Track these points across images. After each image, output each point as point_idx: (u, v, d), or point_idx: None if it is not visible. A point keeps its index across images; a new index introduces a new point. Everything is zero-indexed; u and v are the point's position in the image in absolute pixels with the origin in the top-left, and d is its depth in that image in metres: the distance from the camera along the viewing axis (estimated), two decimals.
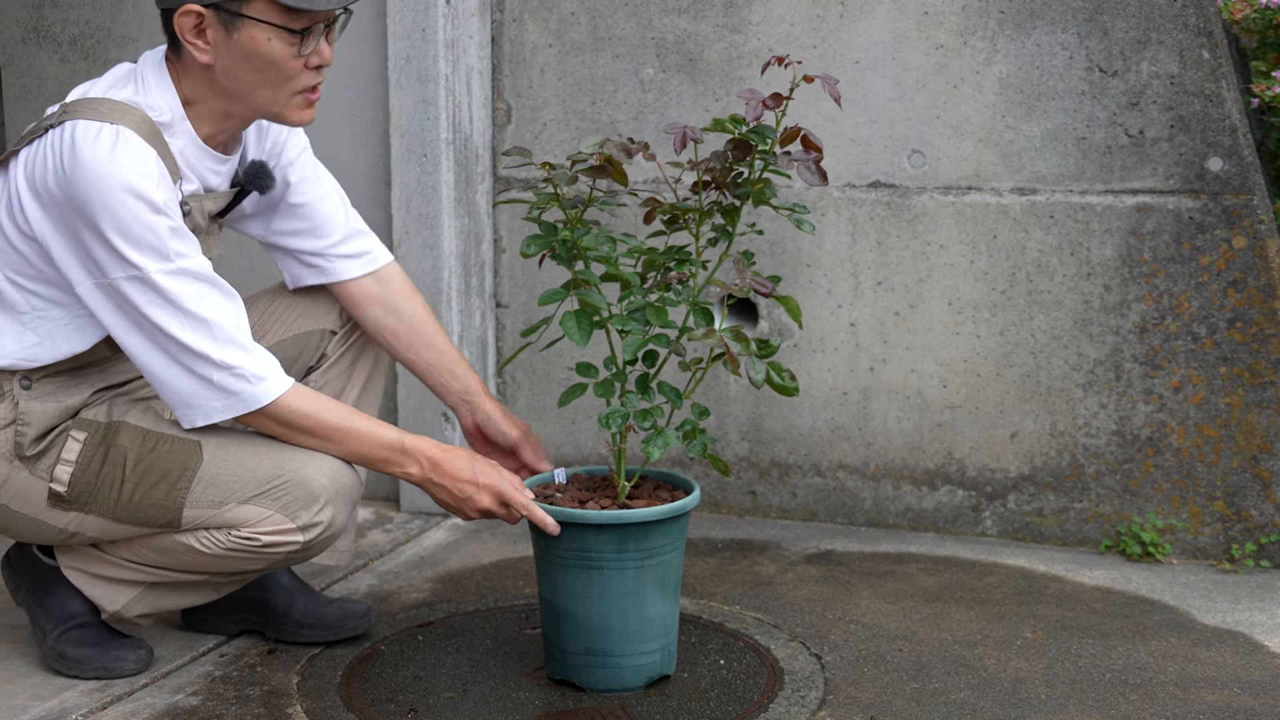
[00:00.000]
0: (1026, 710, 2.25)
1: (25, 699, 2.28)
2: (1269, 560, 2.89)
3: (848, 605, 2.70)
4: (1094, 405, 2.99)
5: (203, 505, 2.22)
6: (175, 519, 2.23)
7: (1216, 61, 2.85)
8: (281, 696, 2.30)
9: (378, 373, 2.57)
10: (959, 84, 3.01)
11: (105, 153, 2.08)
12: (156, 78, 2.21)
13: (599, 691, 2.30)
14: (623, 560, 2.23)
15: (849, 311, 3.13)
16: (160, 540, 2.27)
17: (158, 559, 2.30)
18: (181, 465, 2.22)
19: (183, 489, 2.22)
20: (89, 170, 2.07)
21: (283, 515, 2.22)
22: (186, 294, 2.12)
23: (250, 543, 2.23)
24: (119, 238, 2.08)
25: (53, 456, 2.24)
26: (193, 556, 2.27)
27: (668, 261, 2.31)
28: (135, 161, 2.08)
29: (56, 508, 2.25)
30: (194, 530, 2.25)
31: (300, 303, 2.51)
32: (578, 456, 3.36)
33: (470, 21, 3.24)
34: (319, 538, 2.26)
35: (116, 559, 2.33)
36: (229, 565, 2.28)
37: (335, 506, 2.26)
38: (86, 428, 2.25)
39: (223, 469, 2.22)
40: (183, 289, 2.12)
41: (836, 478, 3.20)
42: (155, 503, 2.23)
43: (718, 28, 3.15)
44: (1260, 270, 2.85)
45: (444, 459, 2.27)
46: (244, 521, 2.23)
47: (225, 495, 2.22)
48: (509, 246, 3.36)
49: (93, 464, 2.23)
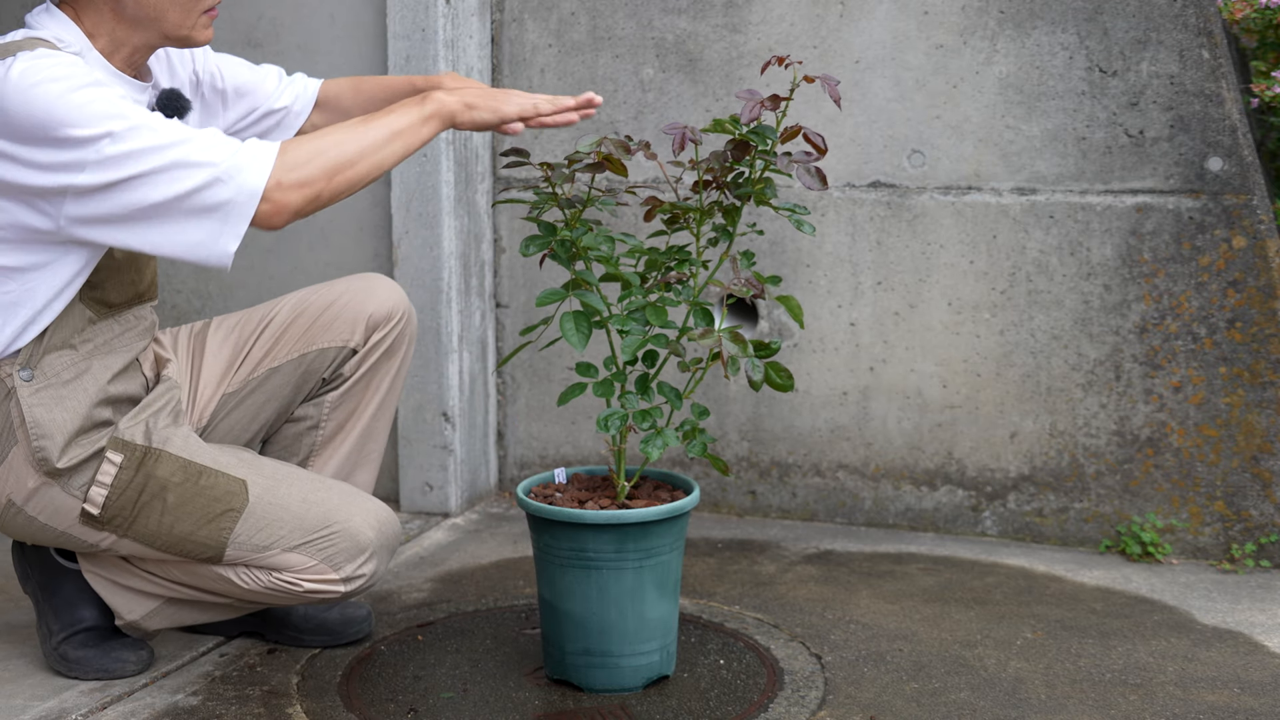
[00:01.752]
0: (1026, 710, 2.25)
1: (25, 699, 2.28)
2: (1269, 560, 2.89)
3: (847, 605, 2.70)
4: (1094, 405, 2.99)
5: (247, 548, 2.22)
6: (217, 556, 2.23)
7: (1216, 61, 2.85)
8: (281, 696, 2.30)
9: (393, 392, 2.54)
10: (959, 84, 3.01)
11: (22, 65, 2.02)
12: (52, 19, 2.16)
13: (598, 692, 2.30)
14: (622, 560, 2.23)
15: (849, 311, 3.13)
16: (196, 568, 2.27)
17: (189, 580, 2.29)
18: (226, 504, 2.21)
19: (226, 529, 2.21)
20: (12, 89, 2.01)
21: (327, 565, 2.23)
22: (156, 145, 2.03)
23: (292, 587, 2.24)
24: (68, 124, 1.99)
25: (86, 475, 2.20)
26: (228, 586, 2.27)
27: (668, 261, 2.31)
28: (53, 63, 2.02)
29: (89, 526, 2.23)
30: (235, 566, 2.25)
31: (323, 317, 2.47)
32: (577, 456, 3.36)
33: (470, 21, 3.24)
34: (360, 588, 2.28)
35: (142, 572, 2.32)
36: (267, 600, 2.29)
37: (379, 559, 2.28)
38: (123, 450, 2.21)
39: (269, 513, 2.22)
40: (150, 140, 2.02)
41: (836, 478, 3.20)
42: (197, 539, 2.21)
43: (717, 28, 3.15)
44: (1260, 270, 2.85)
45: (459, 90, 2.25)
46: (288, 567, 2.23)
47: (270, 540, 2.22)
48: (509, 246, 3.36)
49: (129, 490, 2.20)
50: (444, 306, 3.20)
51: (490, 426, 3.40)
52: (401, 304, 2.50)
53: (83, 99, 2.01)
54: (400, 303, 2.50)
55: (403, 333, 2.49)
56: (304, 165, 2.06)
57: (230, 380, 2.43)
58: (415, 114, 2.16)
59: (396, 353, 2.48)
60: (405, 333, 2.50)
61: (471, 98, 2.20)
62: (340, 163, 2.09)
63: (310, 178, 2.06)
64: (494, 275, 3.38)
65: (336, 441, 2.48)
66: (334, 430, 2.46)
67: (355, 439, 2.48)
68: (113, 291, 2.25)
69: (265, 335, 2.46)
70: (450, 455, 3.25)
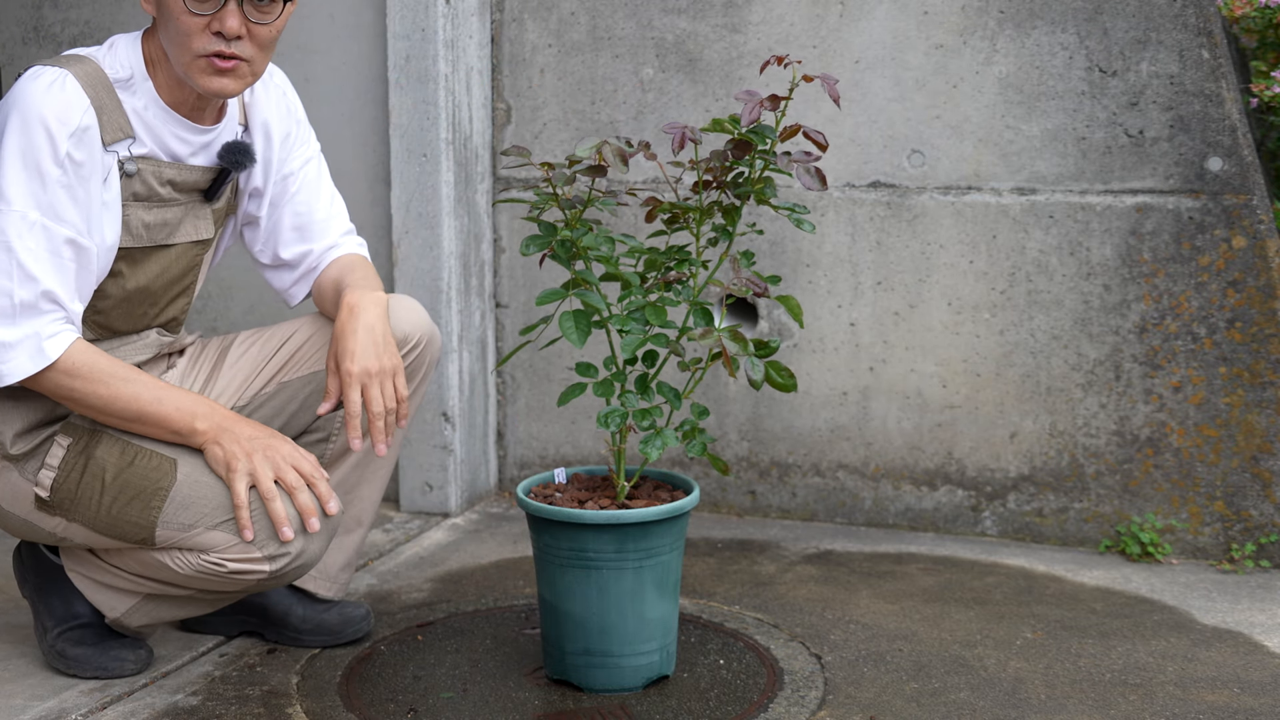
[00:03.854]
0: (1026, 710, 2.25)
1: (25, 699, 2.28)
2: (1269, 560, 2.88)
3: (847, 605, 2.70)
4: (1094, 405, 2.99)
5: (173, 527, 2.20)
6: (149, 537, 2.21)
7: (1216, 61, 2.85)
8: (281, 696, 2.30)
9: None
10: (959, 84, 3.01)
11: (42, 88, 2.11)
12: (126, 40, 2.23)
13: (598, 691, 2.30)
14: (622, 560, 2.23)
15: (849, 311, 3.13)
16: (141, 554, 2.25)
17: (142, 571, 2.28)
18: (155, 483, 2.20)
19: (155, 508, 2.19)
20: (21, 98, 2.12)
21: (248, 543, 2.19)
22: (29, 249, 2.11)
23: (217, 568, 2.20)
24: (13, 160, 2.10)
25: (39, 460, 2.23)
26: (169, 574, 2.25)
27: (668, 261, 2.31)
28: (62, 106, 2.11)
29: (43, 511, 2.24)
30: (167, 549, 2.22)
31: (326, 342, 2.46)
32: (577, 456, 3.36)
33: (470, 21, 3.24)
34: (287, 567, 2.21)
35: (111, 567, 2.32)
36: (202, 585, 2.25)
37: (305, 536, 2.21)
38: (72, 433, 2.23)
39: (194, 491, 2.19)
40: (29, 243, 2.11)
41: (836, 478, 3.20)
42: (130, 519, 2.21)
43: (717, 28, 3.15)
44: (1260, 270, 2.85)
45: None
46: (211, 547, 2.19)
47: (195, 519, 2.19)
48: (509, 246, 3.36)
49: (73, 473, 2.22)
50: (444, 306, 3.20)
51: (490, 426, 3.40)
52: (419, 327, 2.42)
53: (21, 165, 2.10)
54: (418, 326, 2.42)
55: (420, 356, 2.43)
56: (55, 386, 2.16)
57: (243, 393, 2.43)
58: (175, 421, 2.20)
59: (413, 377, 2.43)
60: (424, 357, 2.44)
61: (232, 441, 2.20)
62: (82, 403, 2.18)
63: (50, 389, 2.17)
64: (494, 275, 3.38)
65: (345, 456, 2.46)
66: (344, 446, 2.44)
67: (362, 454, 2.45)
68: (119, 320, 2.29)
69: (282, 352, 2.45)
70: (450, 455, 3.25)
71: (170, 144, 2.24)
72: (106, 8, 3.46)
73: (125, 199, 2.20)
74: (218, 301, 3.42)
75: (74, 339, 2.16)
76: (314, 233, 2.44)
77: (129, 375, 2.19)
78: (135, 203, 2.22)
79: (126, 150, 2.19)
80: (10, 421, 2.22)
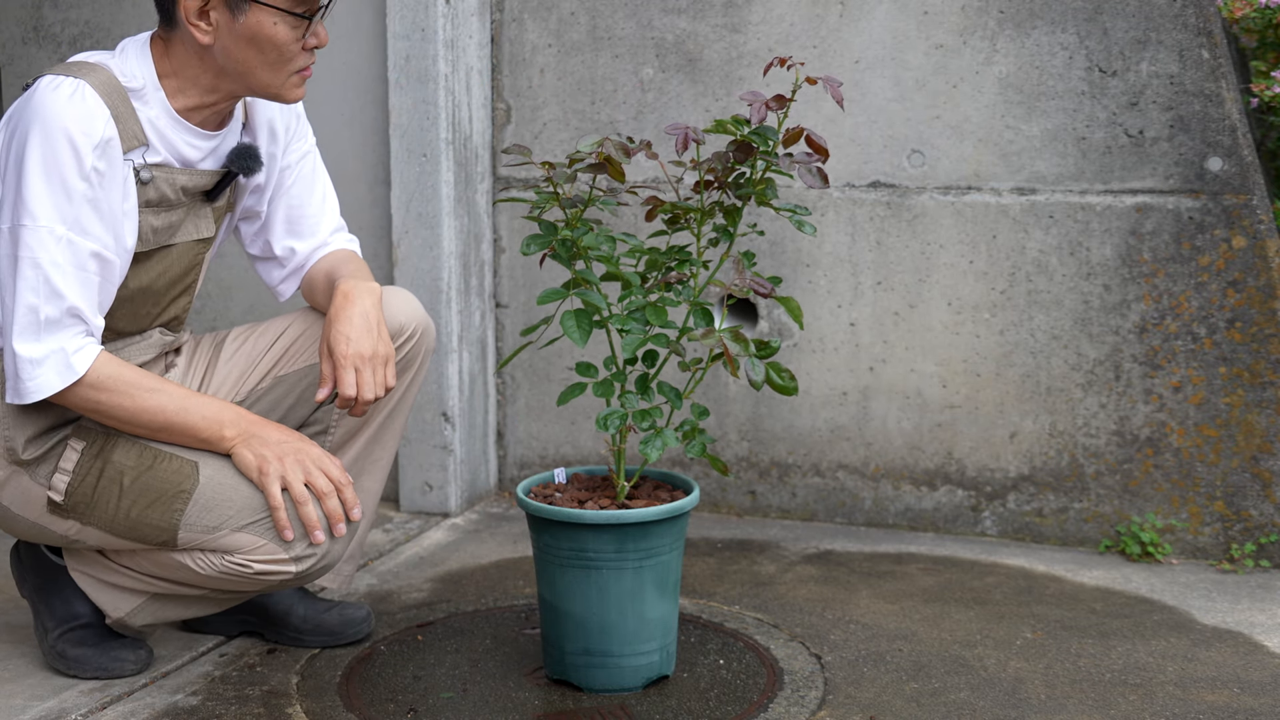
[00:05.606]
0: (1026, 710, 2.25)
1: (25, 699, 2.28)
2: (1269, 560, 2.89)
3: (847, 605, 2.70)
4: (1094, 405, 2.99)
5: (197, 530, 2.21)
6: (171, 539, 2.22)
7: (1216, 61, 2.85)
8: (281, 696, 2.30)
9: (405, 403, 2.50)
10: (959, 84, 3.01)
11: (63, 99, 2.11)
12: (136, 49, 2.24)
13: (598, 692, 2.30)
14: (622, 560, 2.23)
15: (849, 311, 3.13)
16: (158, 555, 2.26)
17: (157, 571, 2.29)
18: (177, 486, 2.21)
19: (178, 511, 2.20)
20: (41, 109, 2.11)
21: (276, 545, 2.20)
22: (56, 263, 2.12)
23: (243, 569, 2.22)
24: (37, 174, 2.09)
25: (51, 464, 2.23)
26: (188, 574, 2.26)
27: (668, 261, 2.31)
28: (85, 119, 2.11)
29: (55, 515, 2.24)
30: (190, 551, 2.24)
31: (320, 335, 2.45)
32: (577, 456, 3.36)
33: (470, 21, 3.24)
34: (312, 568, 2.24)
35: (119, 567, 2.33)
36: (224, 585, 2.27)
37: (330, 539, 2.24)
38: (85, 437, 2.23)
39: (219, 494, 2.20)
40: (57, 258, 2.12)
41: (836, 478, 3.20)
42: (151, 522, 2.22)
43: (717, 28, 3.15)
44: (1260, 270, 2.85)
45: None
46: (238, 548, 2.21)
47: (220, 521, 2.21)
48: (509, 246, 3.36)
49: (89, 476, 2.22)
50: (444, 306, 3.20)
51: (490, 426, 3.40)
52: (414, 319, 2.44)
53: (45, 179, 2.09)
54: (413, 317, 2.44)
55: (416, 348, 2.45)
56: (81, 401, 2.17)
57: (239, 389, 2.44)
58: (203, 429, 2.22)
59: (409, 367, 2.45)
60: (419, 348, 2.46)
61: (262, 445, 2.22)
62: (108, 415, 2.19)
63: (75, 404, 2.17)
64: (494, 275, 3.38)
65: (345, 448, 2.47)
66: (343, 437, 2.45)
67: (362, 445, 2.47)
68: (123, 321, 2.29)
69: (277, 346, 2.46)
70: (450, 455, 3.25)
71: (182, 150, 2.26)
72: (106, 8, 3.46)
73: (140, 206, 2.21)
74: (217, 301, 3.42)
75: (98, 352, 2.17)
76: (304, 228, 2.46)
77: (154, 385, 2.20)
78: (147, 209, 2.23)
79: (141, 158, 2.21)
80: (23, 427, 2.21)
